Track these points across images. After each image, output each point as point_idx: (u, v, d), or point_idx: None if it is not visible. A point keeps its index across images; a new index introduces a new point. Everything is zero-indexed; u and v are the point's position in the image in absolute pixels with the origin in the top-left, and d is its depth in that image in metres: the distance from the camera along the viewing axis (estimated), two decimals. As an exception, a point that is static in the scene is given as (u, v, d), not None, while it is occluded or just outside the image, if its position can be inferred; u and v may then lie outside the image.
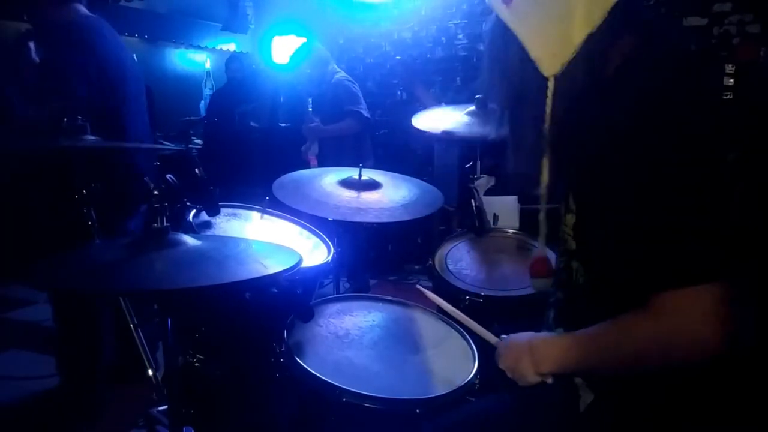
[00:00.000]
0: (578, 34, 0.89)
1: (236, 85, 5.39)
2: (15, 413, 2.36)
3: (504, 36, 0.96)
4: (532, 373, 1.01)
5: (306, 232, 1.92)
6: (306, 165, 3.89)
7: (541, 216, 1.07)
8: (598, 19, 0.88)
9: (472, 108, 2.26)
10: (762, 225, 0.97)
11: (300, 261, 1.08)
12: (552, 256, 1.13)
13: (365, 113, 3.56)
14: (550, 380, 1.01)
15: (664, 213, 0.81)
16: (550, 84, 0.91)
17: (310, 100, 3.59)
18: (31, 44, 2.03)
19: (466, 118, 2.24)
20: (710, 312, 0.79)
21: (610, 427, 0.96)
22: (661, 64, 0.89)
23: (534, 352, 1.01)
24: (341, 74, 3.65)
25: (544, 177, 0.98)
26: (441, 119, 2.32)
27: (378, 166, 2.14)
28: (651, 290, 0.83)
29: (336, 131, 3.59)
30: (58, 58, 2.04)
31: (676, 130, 0.82)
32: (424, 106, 2.52)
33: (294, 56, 3.82)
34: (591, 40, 0.88)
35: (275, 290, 1.34)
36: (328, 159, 3.63)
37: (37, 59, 2.03)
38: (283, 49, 5.78)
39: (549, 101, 0.92)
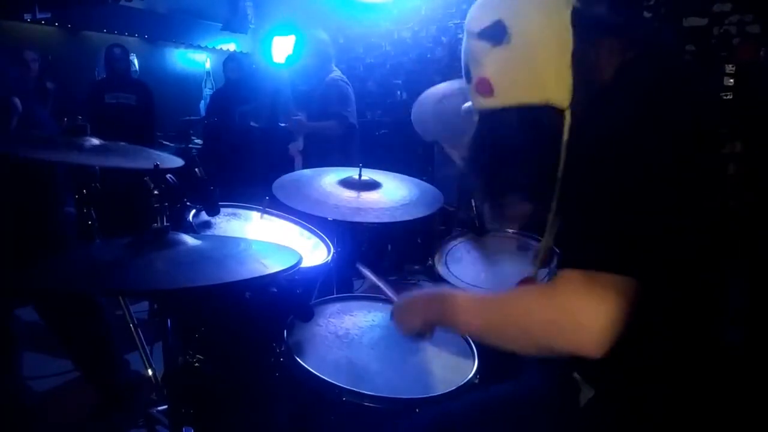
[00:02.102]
0: (564, 55, 0.90)
1: (235, 85, 5.39)
2: (14, 413, 2.35)
3: (496, 123, 0.98)
4: (419, 321, 1.08)
5: (306, 232, 1.92)
6: (290, 165, 3.84)
7: (544, 243, 1.08)
8: (569, 34, 0.90)
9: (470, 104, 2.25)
10: (754, 224, 0.98)
11: (300, 261, 1.08)
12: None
13: (351, 118, 3.44)
14: (430, 336, 1.08)
15: (598, 202, 0.83)
16: (567, 114, 0.92)
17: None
18: None
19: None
20: (597, 299, 0.80)
21: (610, 423, 0.96)
22: (657, 65, 0.89)
23: (427, 301, 1.07)
24: (336, 73, 3.56)
25: (553, 209, 0.99)
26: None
27: (378, 166, 2.13)
28: (560, 267, 0.85)
29: (317, 129, 3.51)
30: None
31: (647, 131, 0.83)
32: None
33: (294, 49, 3.75)
34: (576, 55, 0.90)
35: (275, 290, 1.34)
36: (313, 158, 3.54)
37: None
38: (284, 49, 5.79)
39: (566, 130, 0.92)
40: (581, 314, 0.81)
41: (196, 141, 5.44)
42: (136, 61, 6.02)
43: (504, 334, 0.93)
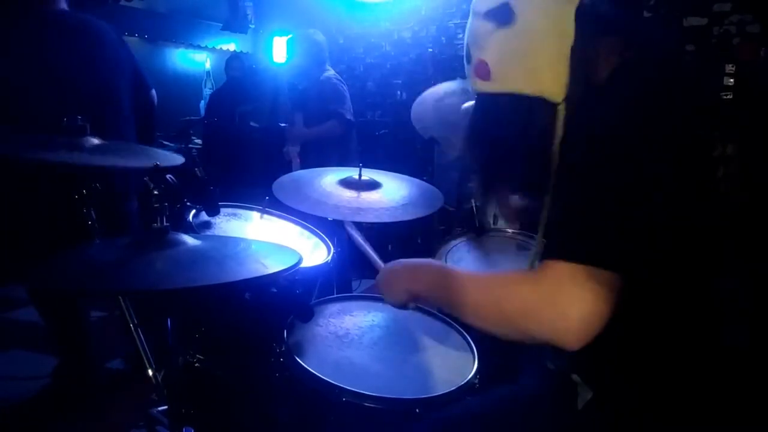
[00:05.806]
0: (563, 48, 0.91)
1: (235, 85, 5.38)
2: (15, 413, 2.36)
3: (491, 108, 1.00)
4: (403, 291, 1.07)
5: (306, 232, 1.92)
6: (289, 165, 3.86)
7: (539, 242, 1.08)
8: (571, 27, 0.90)
9: (471, 104, 2.25)
10: (755, 225, 0.98)
11: (300, 261, 1.08)
12: None
13: (348, 115, 3.45)
14: (413, 306, 1.08)
15: (589, 197, 0.83)
16: (561, 108, 0.93)
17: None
18: None
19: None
20: (581, 291, 0.80)
21: (608, 425, 0.96)
22: (654, 68, 0.89)
23: (413, 271, 1.07)
24: (330, 72, 3.57)
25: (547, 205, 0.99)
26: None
27: (378, 166, 2.13)
28: (546, 257, 0.86)
29: (318, 134, 3.52)
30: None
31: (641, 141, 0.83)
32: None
33: (287, 49, 3.77)
34: (575, 51, 0.90)
35: (275, 290, 1.34)
36: (311, 158, 3.55)
37: None
38: (282, 49, 5.80)
39: (560, 123, 0.93)
40: (563, 305, 0.81)
41: (196, 141, 5.44)
42: (136, 61, 6.01)
43: (488, 316, 0.94)
